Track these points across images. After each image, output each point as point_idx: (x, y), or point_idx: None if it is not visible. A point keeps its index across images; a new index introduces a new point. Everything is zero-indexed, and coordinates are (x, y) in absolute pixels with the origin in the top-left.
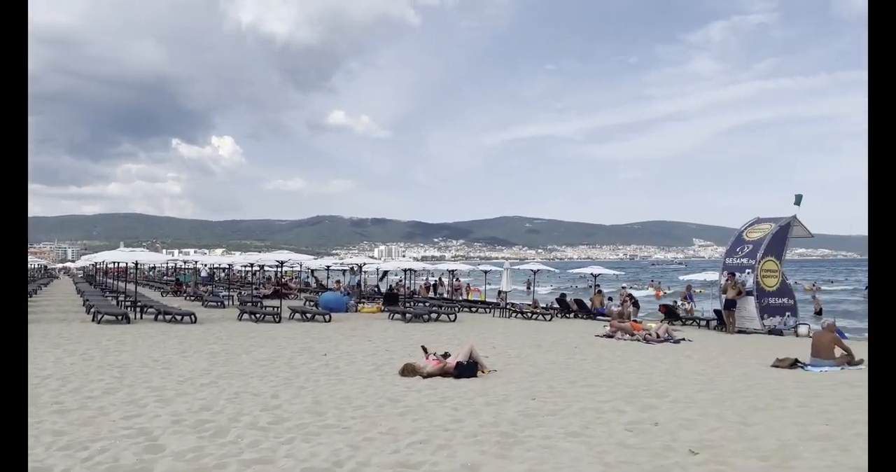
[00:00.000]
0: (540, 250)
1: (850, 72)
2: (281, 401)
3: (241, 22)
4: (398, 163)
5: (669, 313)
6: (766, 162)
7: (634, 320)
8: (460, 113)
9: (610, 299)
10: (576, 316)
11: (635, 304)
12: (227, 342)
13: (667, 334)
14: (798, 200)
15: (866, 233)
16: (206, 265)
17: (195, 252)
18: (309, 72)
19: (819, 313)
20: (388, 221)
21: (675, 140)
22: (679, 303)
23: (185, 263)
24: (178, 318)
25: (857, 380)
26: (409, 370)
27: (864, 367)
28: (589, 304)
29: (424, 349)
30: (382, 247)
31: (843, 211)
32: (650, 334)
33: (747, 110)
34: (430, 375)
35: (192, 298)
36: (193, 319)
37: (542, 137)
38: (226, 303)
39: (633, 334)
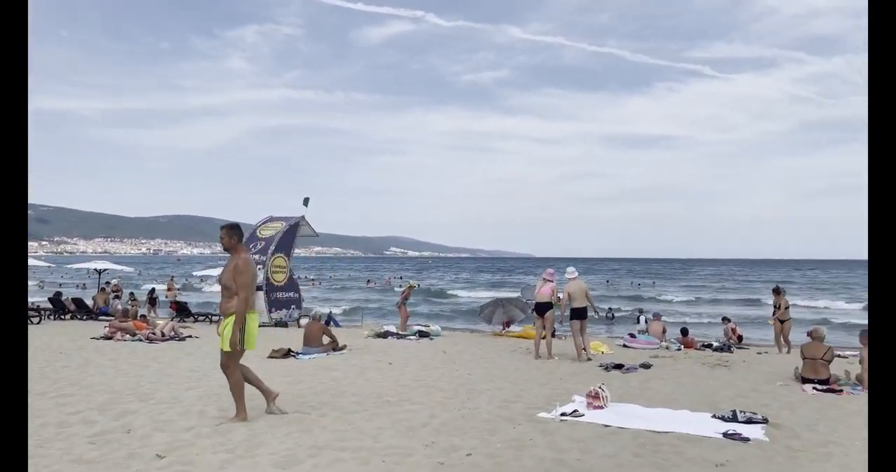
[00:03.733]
0: (45, 242)
1: (363, 94)
2: None
3: None
4: None
5: (181, 310)
6: (288, 165)
7: (142, 319)
8: None
9: (117, 297)
10: (73, 317)
11: (153, 301)
12: None
13: (172, 332)
14: (306, 202)
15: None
16: None
17: None
18: None
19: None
20: None
21: (207, 134)
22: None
23: None
24: None
25: (335, 364)
26: None
27: (346, 351)
28: (91, 303)
29: None
30: None
31: (353, 214)
32: (154, 334)
33: (276, 114)
34: None
35: None
36: None
37: (57, 113)
38: None
39: (134, 334)
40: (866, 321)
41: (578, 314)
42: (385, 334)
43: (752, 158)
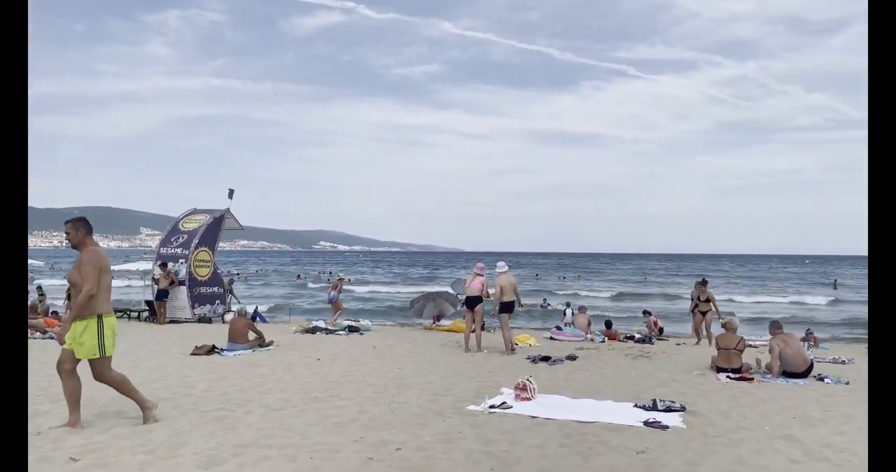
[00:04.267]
0: None
1: (292, 84)
2: None
3: None
4: None
5: None
6: (214, 155)
7: (53, 315)
8: None
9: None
10: None
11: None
12: None
13: None
14: (230, 194)
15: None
16: None
17: None
18: None
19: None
20: None
21: (126, 122)
22: None
23: None
24: None
25: (261, 361)
26: None
27: (272, 347)
28: None
29: None
30: None
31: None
32: None
33: (200, 103)
34: None
35: None
36: None
37: None
38: None
39: (45, 332)
40: (775, 313)
41: (507, 308)
42: (313, 330)
43: (673, 157)
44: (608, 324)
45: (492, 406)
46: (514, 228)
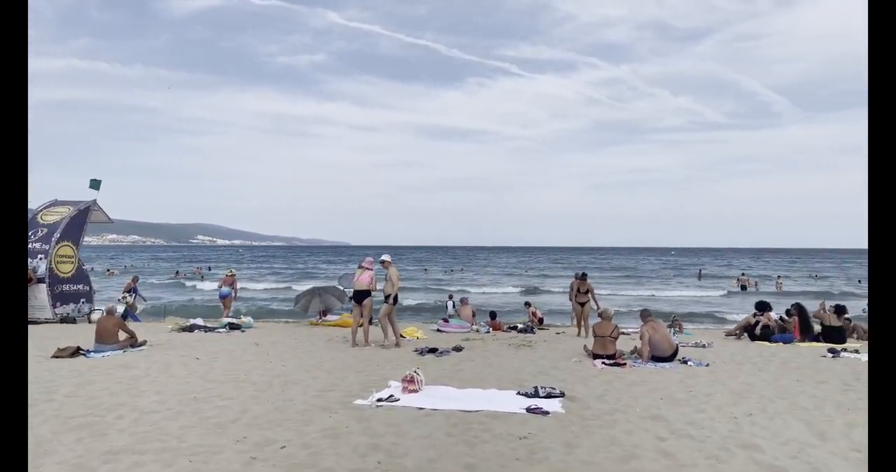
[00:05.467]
0: None
1: (166, 69)
2: None
3: None
4: None
5: None
6: (78, 143)
7: None
8: None
9: None
10: None
11: None
12: None
13: None
14: (95, 185)
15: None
16: None
17: None
18: None
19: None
20: None
21: None
22: None
23: None
24: None
25: (133, 362)
26: None
27: (146, 347)
28: None
29: None
30: None
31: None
32: None
33: (62, 86)
34: None
35: None
36: None
37: None
38: None
39: None
40: (645, 303)
41: (394, 300)
42: (191, 328)
43: (552, 154)
44: (492, 315)
45: (379, 400)
46: (401, 221)
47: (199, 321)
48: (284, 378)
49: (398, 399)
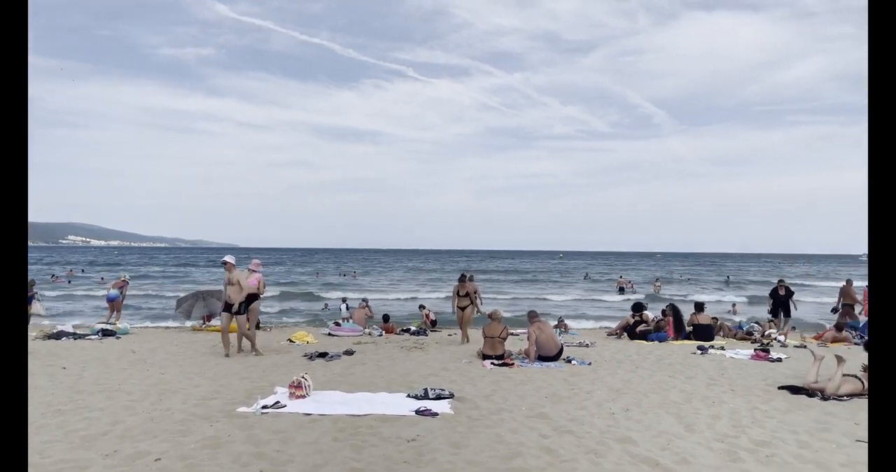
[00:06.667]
0: None
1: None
2: None
3: None
4: None
5: None
6: None
7: None
8: None
9: None
10: None
11: None
12: None
13: None
14: None
15: None
16: None
17: None
18: None
19: None
20: None
21: None
22: None
23: None
24: None
25: None
26: None
27: None
28: None
29: None
30: None
31: None
32: None
33: None
34: None
35: None
36: None
37: None
38: None
39: None
40: (533, 305)
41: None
42: (58, 335)
43: (447, 157)
44: (385, 318)
45: (264, 407)
46: (296, 223)
47: (68, 328)
48: (162, 387)
49: (284, 406)
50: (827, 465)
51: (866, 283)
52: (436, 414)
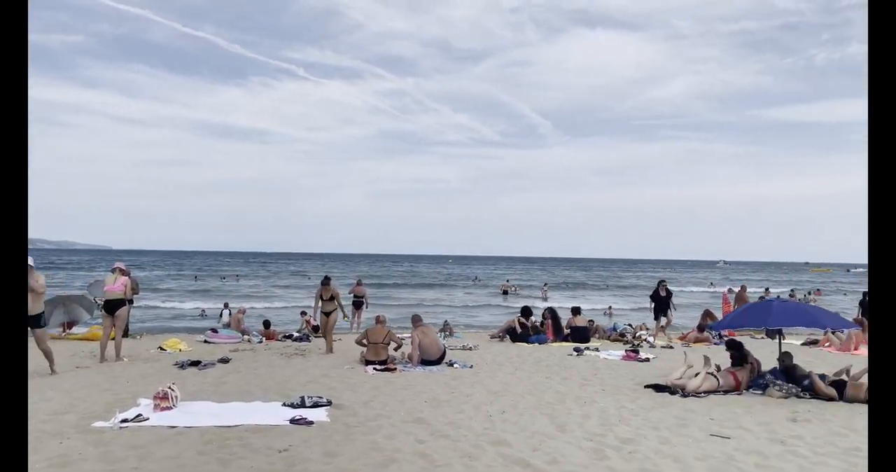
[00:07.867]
0: None
1: None
2: None
3: None
4: None
5: None
6: None
7: None
8: None
9: None
10: None
11: None
12: None
13: None
14: None
15: None
16: None
17: None
18: None
19: None
20: None
21: None
22: None
23: None
24: None
25: None
26: None
27: None
28: None
29: None
30: None
31: None
32: None
33: None
34: None
35: None
36: None
37: None
38: None
39: None
40: (419, 309)
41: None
42: None
43: (338, 159)
44: (266, 324)
45: (124, 420)
46: (176, 224)
47: None
48: None
49: (147, 419)
50: (683, 459)
51: (727, 288)
52: (311, 423)
